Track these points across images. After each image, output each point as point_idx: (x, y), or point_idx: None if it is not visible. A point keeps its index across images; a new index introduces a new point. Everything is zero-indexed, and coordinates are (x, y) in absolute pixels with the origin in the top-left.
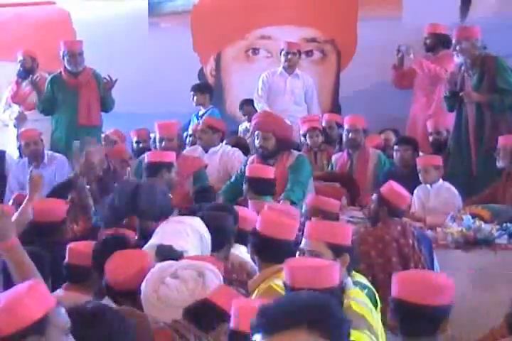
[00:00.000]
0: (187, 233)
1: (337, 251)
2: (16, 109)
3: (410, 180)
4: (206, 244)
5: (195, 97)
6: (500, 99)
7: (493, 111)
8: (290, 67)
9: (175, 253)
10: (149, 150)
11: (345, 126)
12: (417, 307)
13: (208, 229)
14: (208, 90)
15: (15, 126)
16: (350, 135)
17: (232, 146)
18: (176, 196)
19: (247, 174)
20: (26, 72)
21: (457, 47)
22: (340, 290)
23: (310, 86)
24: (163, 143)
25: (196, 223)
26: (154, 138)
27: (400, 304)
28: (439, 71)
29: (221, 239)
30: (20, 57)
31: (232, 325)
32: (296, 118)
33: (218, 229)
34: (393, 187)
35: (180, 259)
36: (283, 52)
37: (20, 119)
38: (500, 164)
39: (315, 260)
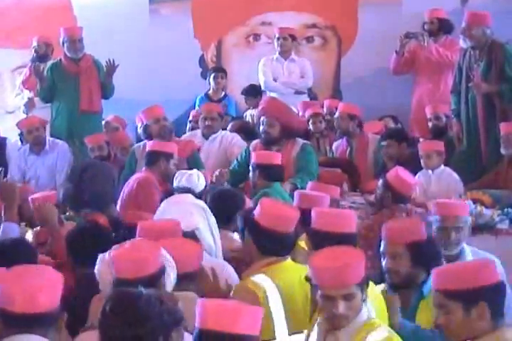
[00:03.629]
0: (190, 212)
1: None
2: (26, 94)
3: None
4: (210, 215)
5: (218, 80)
6: (509, 87)
7: (502, 100)
8: (285, 52)
9: (185, 234)
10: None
11: (336, 114)
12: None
13: (217, 204)
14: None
15: (24, 112)
16: (337, 122)
17: (237, 130)
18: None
19: (254, 161)
20: (39, 58)
21: (467, 33)
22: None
23: (308, 70)
24: (155, 126)
25: (192, 198)
26: (143, 129)
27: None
28: (451, 57)
29: (229, 215)
30: (34, 43)
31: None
32: (295, 104)
33: (227, 205)
34: (399, 174)
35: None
36: (275, 38)
37: (29, 106)
38: (503, 151)
39: None
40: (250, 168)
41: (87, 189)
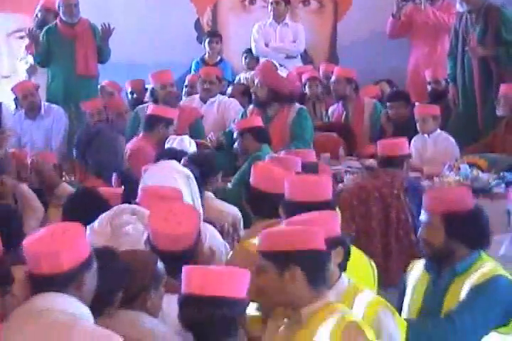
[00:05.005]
0: (174, 178)
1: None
2: (30, 59)
3: (405, 130)
4: (193, 182)
5: (212, 45)
6: (506, 51)
7: (499, 64)
8: (278, 17)
9: None
10: (143, 101)
11: (332, 78)
12: None
13: (198, 164)
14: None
15: (26, 78)
16: (334, 86)
17: (241, 94)
18: None
19: (240, 127)
20: (37, 23)
21: None
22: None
23: (300, 34)
24: (162, 92)
25: (177, 165)
26: (151, 92)
27: None
28: (448, 21)
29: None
30: (37, 9)
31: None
32: (287, 68)
33: (206, 163)
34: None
35: None
36: (269, 3)
37: (31, 71)
38: (500, 112)
39: None
40: (236, 135)
41: (91, 157)
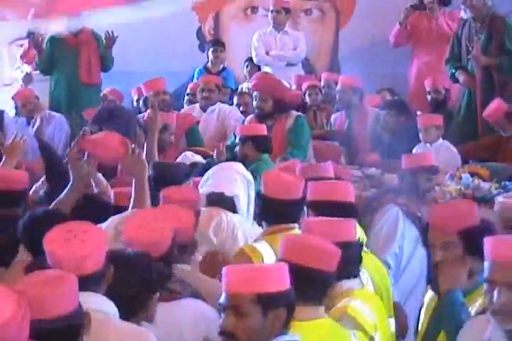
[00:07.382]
0: (235, 178)
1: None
2: (25, 68)
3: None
4: (251, 187)
5: (216, 53)
6: (508, 60)
7: (501, 73)
8: (278, 25)
9: (226, 199)
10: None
11: (338, 86)
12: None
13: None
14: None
15: (22, 87)
16: (339, 95)
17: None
18: (170, 155)
19: (244, 133)
20: (29, 32)
21: (467, 2)
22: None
23: (300, 42)
24: (155, 99)
25: (241, 168)
26: (144, 101)
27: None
28: (454, 29)
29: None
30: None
31: None
32: (288, 76)
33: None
34: None
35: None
36: (269, 11)
37: (27, 80)
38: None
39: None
40: (238, 140)
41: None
